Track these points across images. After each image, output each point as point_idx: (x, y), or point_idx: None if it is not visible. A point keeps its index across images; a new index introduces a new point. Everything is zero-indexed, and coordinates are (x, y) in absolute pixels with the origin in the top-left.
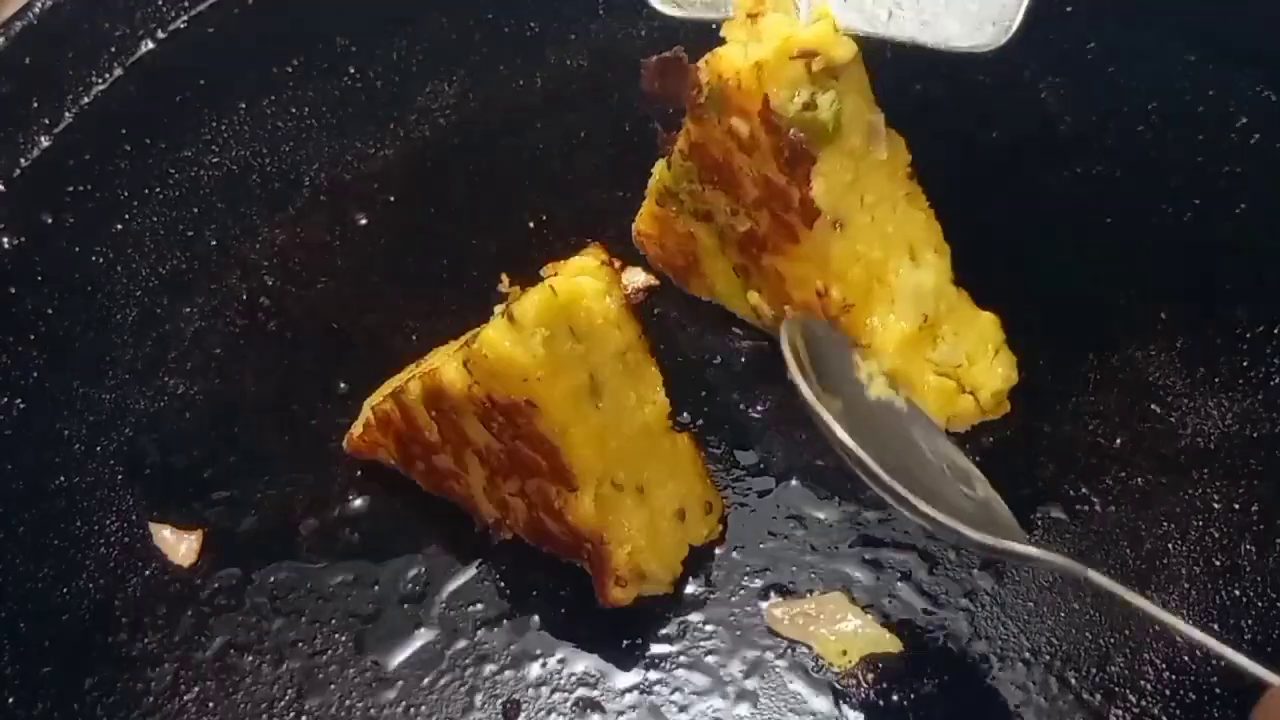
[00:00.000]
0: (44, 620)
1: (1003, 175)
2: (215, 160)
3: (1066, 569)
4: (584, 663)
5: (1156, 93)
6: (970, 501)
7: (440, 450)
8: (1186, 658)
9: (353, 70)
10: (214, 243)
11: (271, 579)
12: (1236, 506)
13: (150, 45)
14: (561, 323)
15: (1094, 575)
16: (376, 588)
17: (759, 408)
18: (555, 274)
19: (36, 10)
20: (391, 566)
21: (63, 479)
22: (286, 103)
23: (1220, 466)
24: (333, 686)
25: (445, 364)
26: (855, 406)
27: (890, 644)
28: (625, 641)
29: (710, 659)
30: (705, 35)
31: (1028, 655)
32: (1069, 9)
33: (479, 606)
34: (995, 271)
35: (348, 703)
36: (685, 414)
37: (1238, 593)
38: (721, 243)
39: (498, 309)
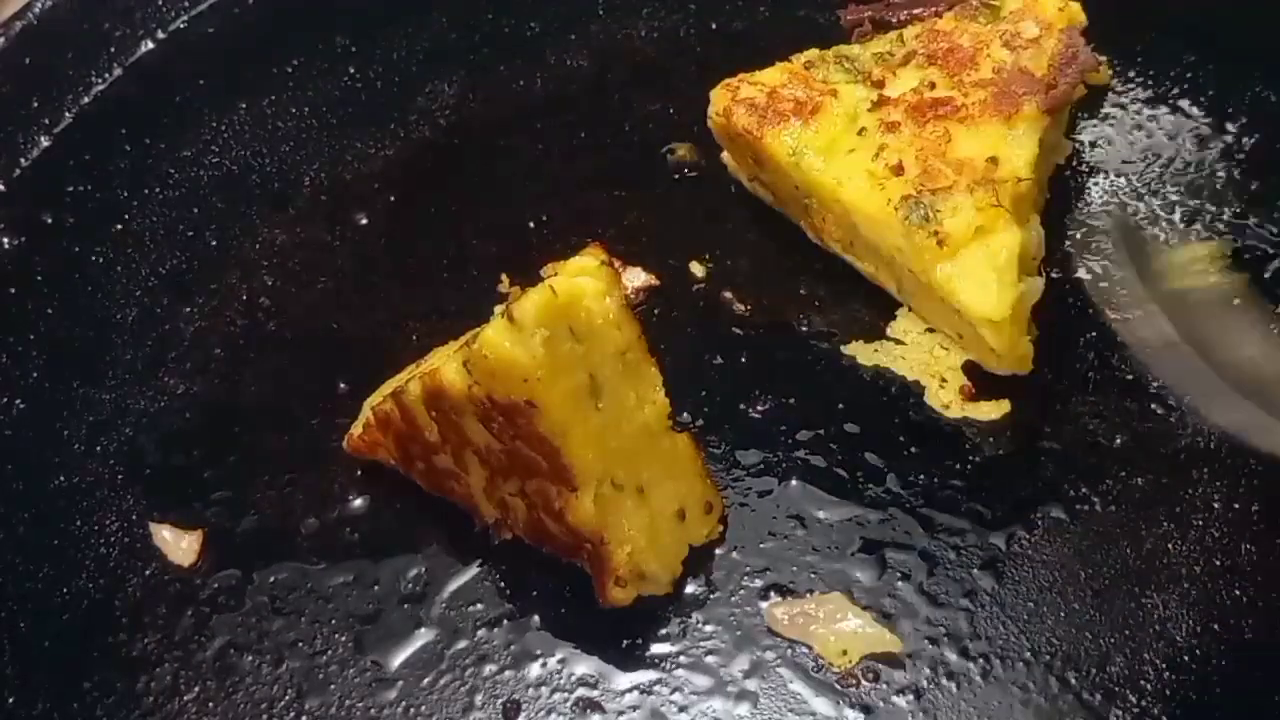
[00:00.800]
0: (44, 620)
1: None
2: (215, 160)
3: None
4: (584, 663)
5: (1156, 92)
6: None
7: (440, 450)
8: (1186, 658)
9: (353, 70)
10: (214, 243)
11: (271, 579)
12: (1236, 506)
13: (150, 45)
14: (561, 323)
15: None
16: (376, 588)
17: (759, 408)
18: (555, 274)
19: (36, 10)
20: (391, 566)
21: (63, 479)
22: (286, 103)
23: (1220, 466)
24: (333, 687)
25: (445, 364)
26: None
27: (890, 644)
28: (625, 641)
29: (710, 659)
30: (708, 36)
31: (1028, 655)
32: None
33: (479, 606)
34: None
35: (348, 703)
36: (685, 414)
37: (1238, 593)
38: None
39: (498, 309)
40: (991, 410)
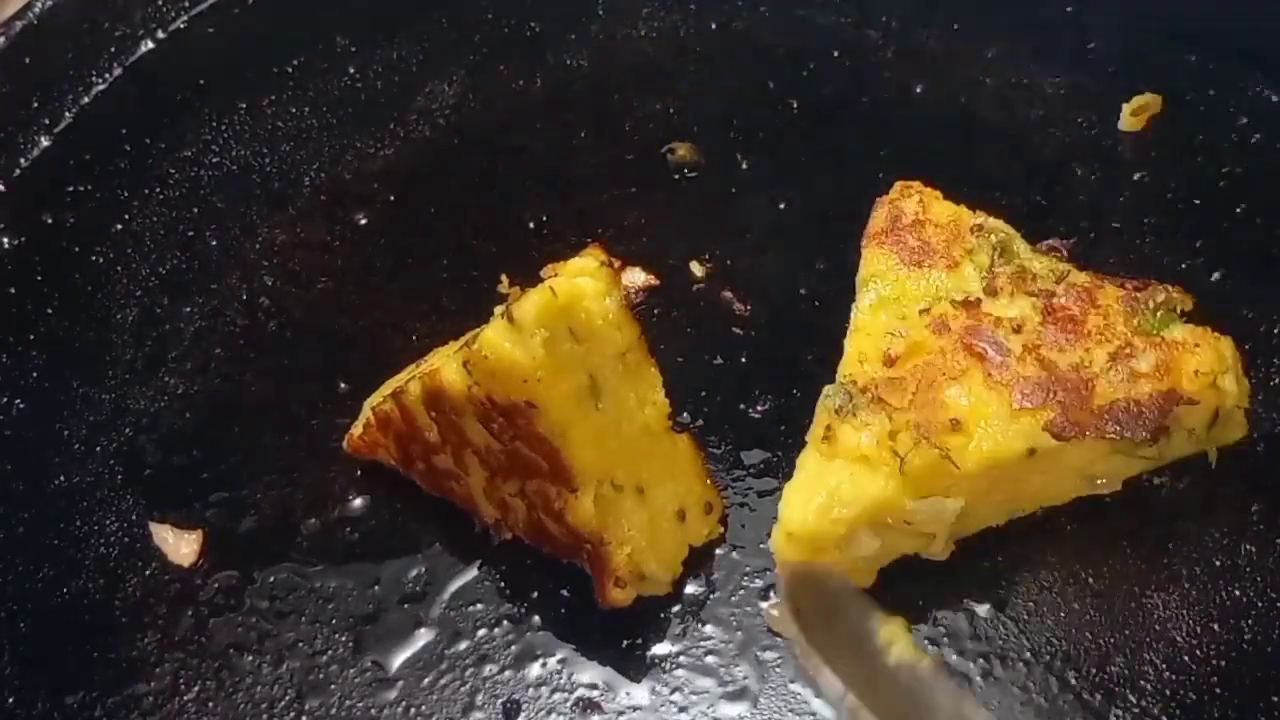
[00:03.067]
0: (44, 620)
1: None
2: (215, 160)
3: None
4: (584, 663)
5: (1157, 93)
6: None
7: (440, 451)
8: (1186, 658)
9: (353, 70)
10: (214, 243)
11: (271, 579)
12: (1236, 506)
13: (150, 45)
14: (561, 324)
15: None
16: (376, 588)
17: (759, 408)
18: (555, 275)
19: (36, 10)
20: (391, 566)
21: (63, 479)
22: (286, 103)
23: (1220, 467)
24: (333, 687)
25: (445, 364)
26: (869, 669)
27: None
28: (626, 642)
29: (710, 659)
30: (708, 36)
31: (1028, 655)
32: (1069, 9)
33: (479, 607)
34: None
35: (348, 703)
36: (685, 414)
37: (1238, 593)
38: None
39: (498, 309)
40: None
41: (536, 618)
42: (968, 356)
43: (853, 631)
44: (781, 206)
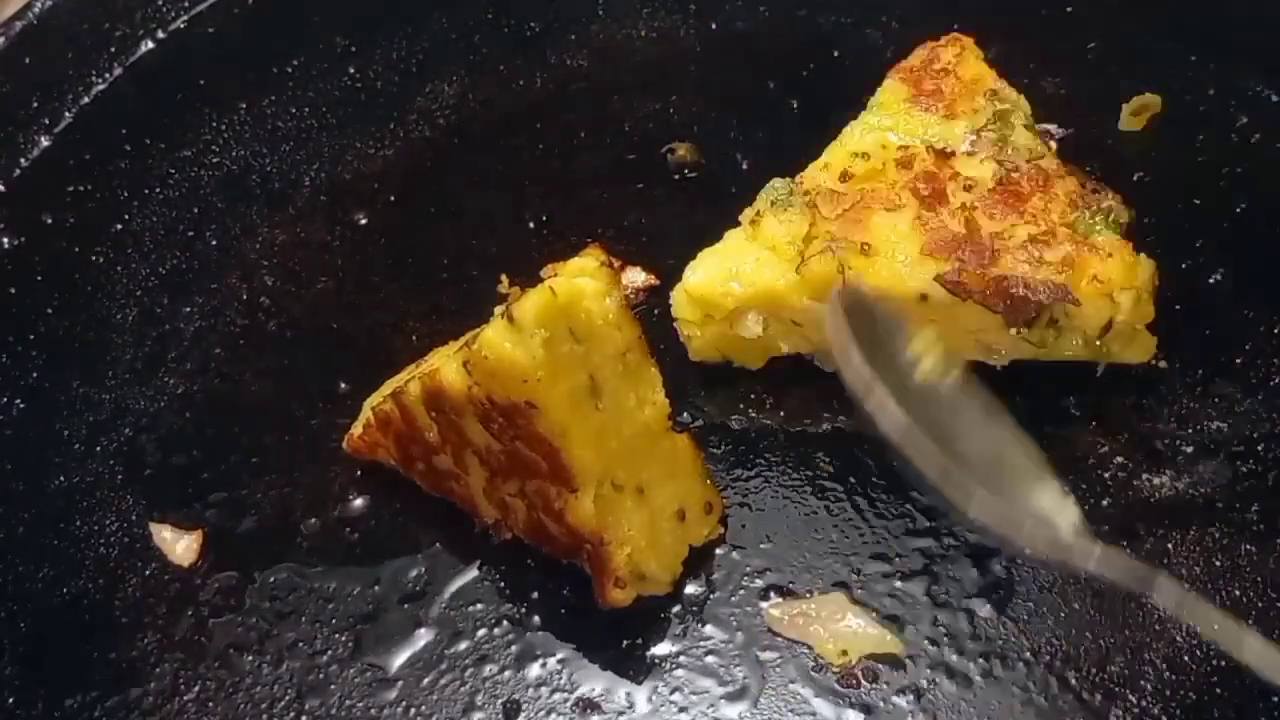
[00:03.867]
0: (44, 620)
1: None
2: (215, 160)
3: (1133, 574)
4: (584, 663)
5: (1156, 93)
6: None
7: (440, 451)
8: (1186, 658)
9: (353, 70)
10: (214, 243)
11: (271, 579)
12: (1236, 506)
13: (150, 45)
14: (561, 324)
15: (1165, 582)
16: (376, 588)
17: (759, 408)
18: (555, 275)
19: (36, 10)
20: (391, 566)
21: (63, 479)
22: (286, 103)
23: (1220, 467)
24: (333, 687)
25: (445, 364)
26: (900, 389)
27: (890, 644)
28: (625, 642)
29: (710, 659)
30: (708, 36)
31: (1028, 655)
32: (1069, 9)
33: (479, 607)
34: None
35: (348, 703)
36: (685, 414)
37: (1237, 593)
38: None
39: (498, 310)
40: None
41: (536, 618)
42: (910, 196)
43: (890, 349)
44: None
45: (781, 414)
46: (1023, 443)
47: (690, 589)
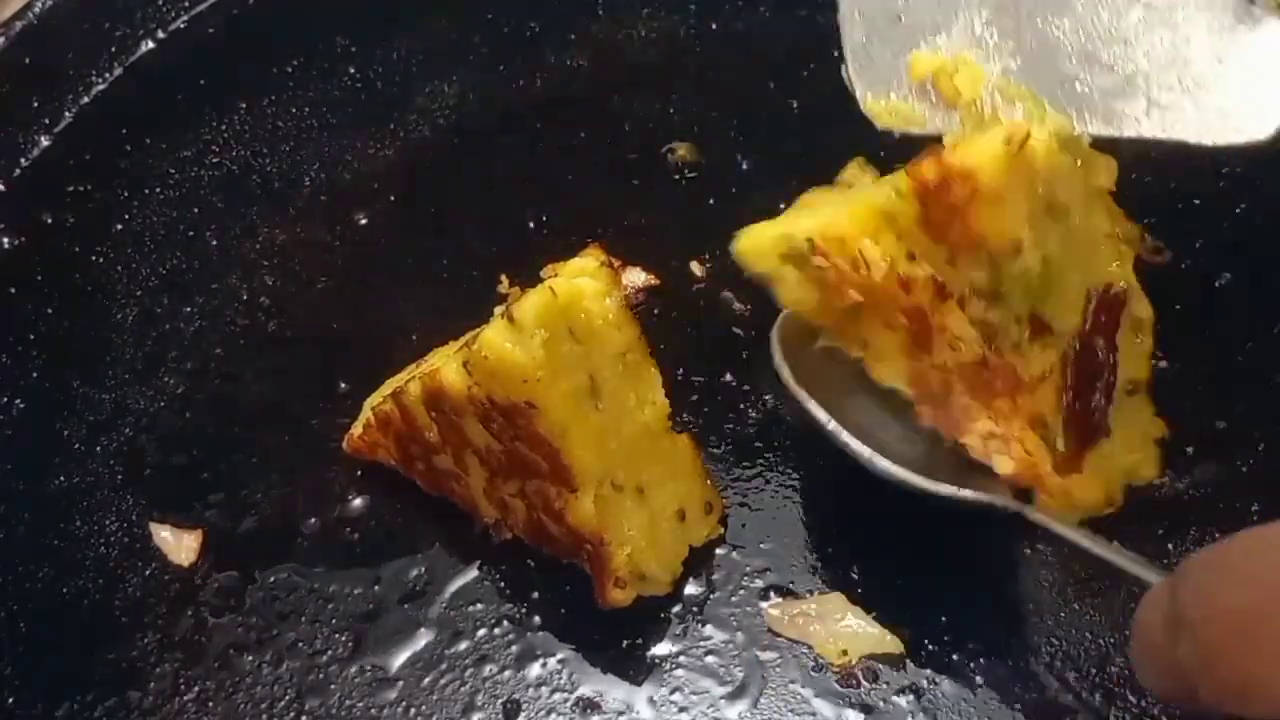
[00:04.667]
0: (44, 620)
1: None
2: (215, 160)
3: (1005, 507)
4: (584, 663)
5: None
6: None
7: (440, 451)
8: None
9: (353, 70)
10: (214, 243)
11: (271, 579)
12: (1236, 506)
13: (150, 45)
14: (561, 324)
15: (1031, 513)
16: (376, 588)
17: (759, 408)
18: (555, 275)
19: (36, 10)
20: (391, 566)
21: (63, 479)
22: (286, 103)
23: (1220, 466)
24: (333, 687)
25: (445, 365)
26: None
27: (890, 644)
28: (626, 642)
29: (710, 659)
30: (708, 36)
31: (1028, 655)
32: None
33: (479, 607)
34: None
35: (348, 703)
36: (685, 414)
37: None
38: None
39: (498, 310)
40: None
41: (537, 618)
42: (905, 320)
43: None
44: (782, 206)
45: (781, 414)
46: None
47: (690, 589)
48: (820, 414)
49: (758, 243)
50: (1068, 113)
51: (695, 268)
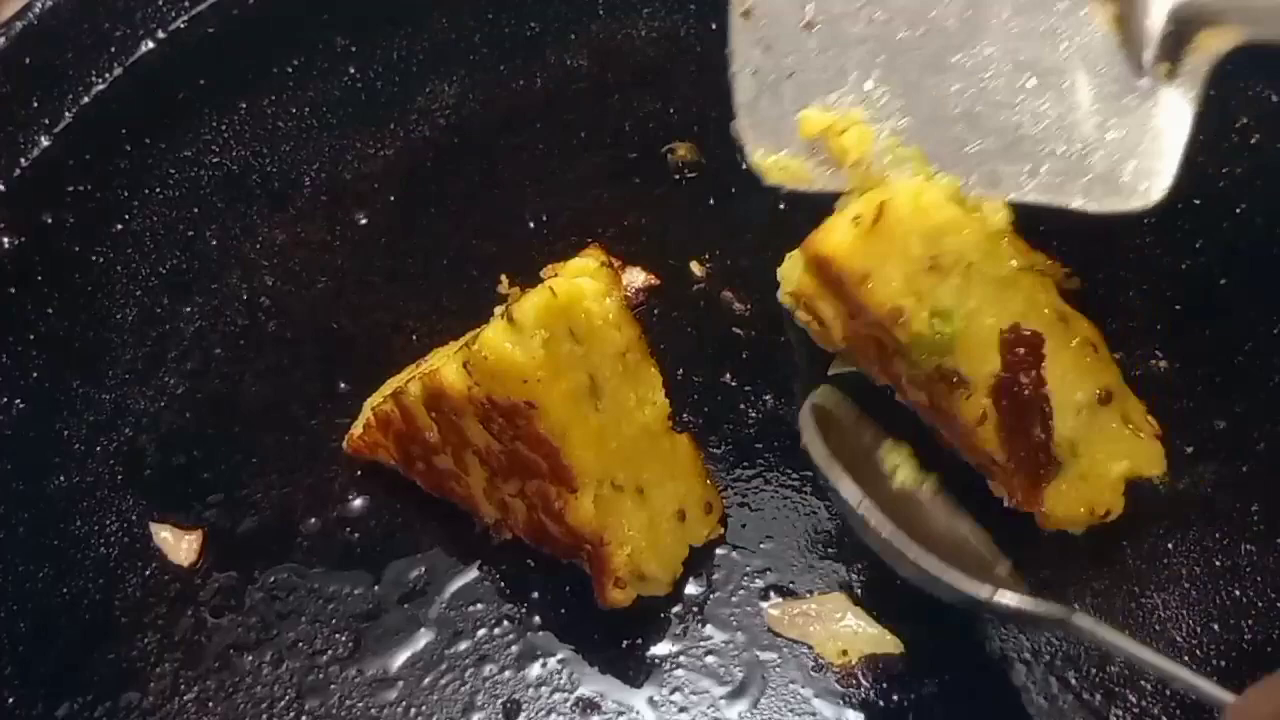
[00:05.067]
0: (44, 620)
1: None
2: (215, 160)
3: (1054, 617)
4: (584, 663)
5: None
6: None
7: (440, 451)
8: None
9: (353, 70)
10: (214, 243)
11: (271, 579)
12: (1236, 506)
13: (150, 45)
14: (561, 324)
15: (1080, 618)
16: (376, 588)
17: (759, 408)
18: (555, 275)
19: (36, 10)
20: (391, 566)
21: (63, 479)
22: (286, 103)
23: (1220, 466)
24: (333, 687)
25: (445, 365)
26: (875, 491)
27: (890, 644)
28: (626, 642)
29: (710, 659)
30: (708, 36)
31: (1028, 655)
32: None
33: (479, 607)
34: None
35: (348, 703)
36: (685, 414)
37: (1237, 593)
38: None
39: (498, 310)
40: None
41: (537, 618)
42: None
43: (864, 453)
44: (781, 207)
45: (781, 414)
46: (981, 537)
47: (690, 589)
48: (852, 494)
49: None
50: (954, 174)
51: (695, 268)
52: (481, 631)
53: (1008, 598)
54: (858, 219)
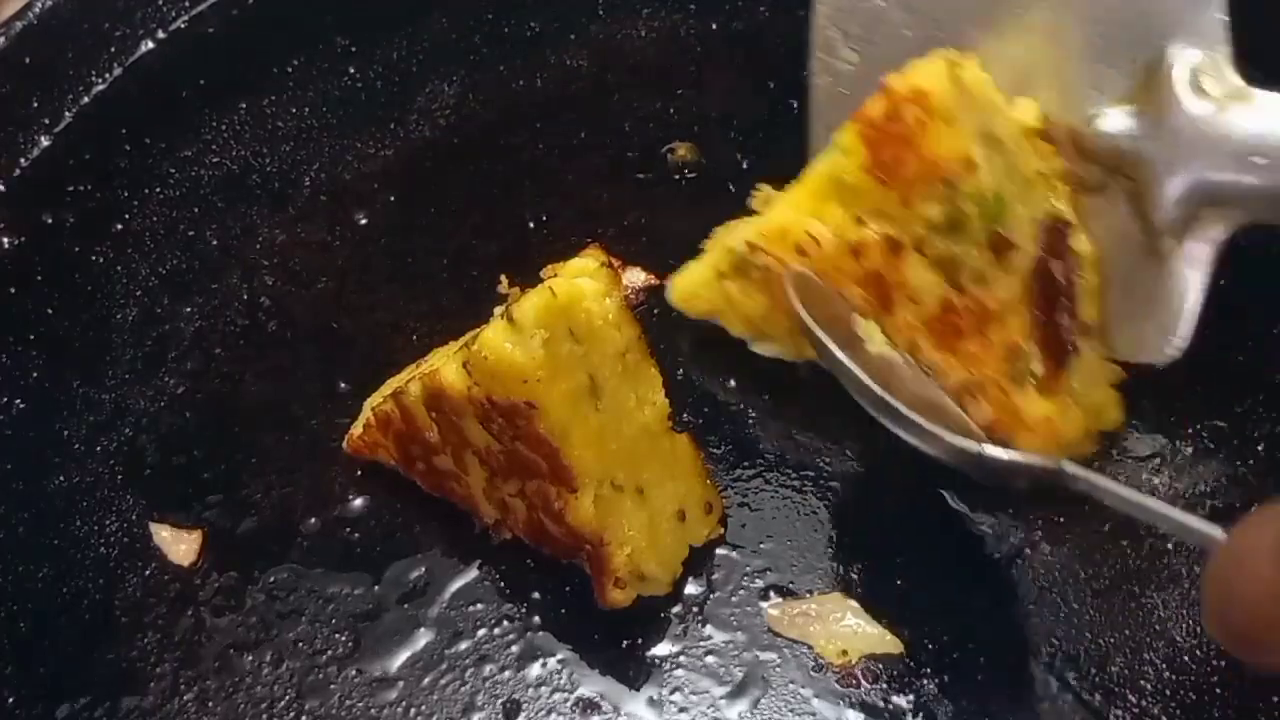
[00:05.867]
0: (44, 620)
1: None
2: (215, 160)
3: (1045, 467)
4: (584, 663)
5: None
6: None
7: (440, 451)
8: (1186, 658)
9: (353, 70)
10: (214, 243)
11: (271, 579)
12: (1237, 506)
13: (150, 45)
14: (561, 324)
15: (1070, 466)
16: (376, 588)
17: (759, 408)
18: (555, 275)
19: (36, 10)
20: (391, 566)
21: (63, 479)
22: (286, 103)
23: (1220, 466)
24: (333, 686)
25: (445, 365)
26: (856, 357)
27: (890, 644)
28: (626, 642)
29: (710, 659)
30: (708, 36)
31: (1028, 655)
32: None
33: (479, 607)
34: None
35: (348, 703)
36: (685, 414)
37: None
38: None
39: (498, 310)
40: None
41: (537, 618)
42: (865, 289)
43: (842, 321)
44: None
45: (781, 414)
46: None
47: (690, 589)
48: (838, 352)
49: (691, 281)
50: None
51: None
52: (481, 631)
53: (997, 451)
54: (951, 63)
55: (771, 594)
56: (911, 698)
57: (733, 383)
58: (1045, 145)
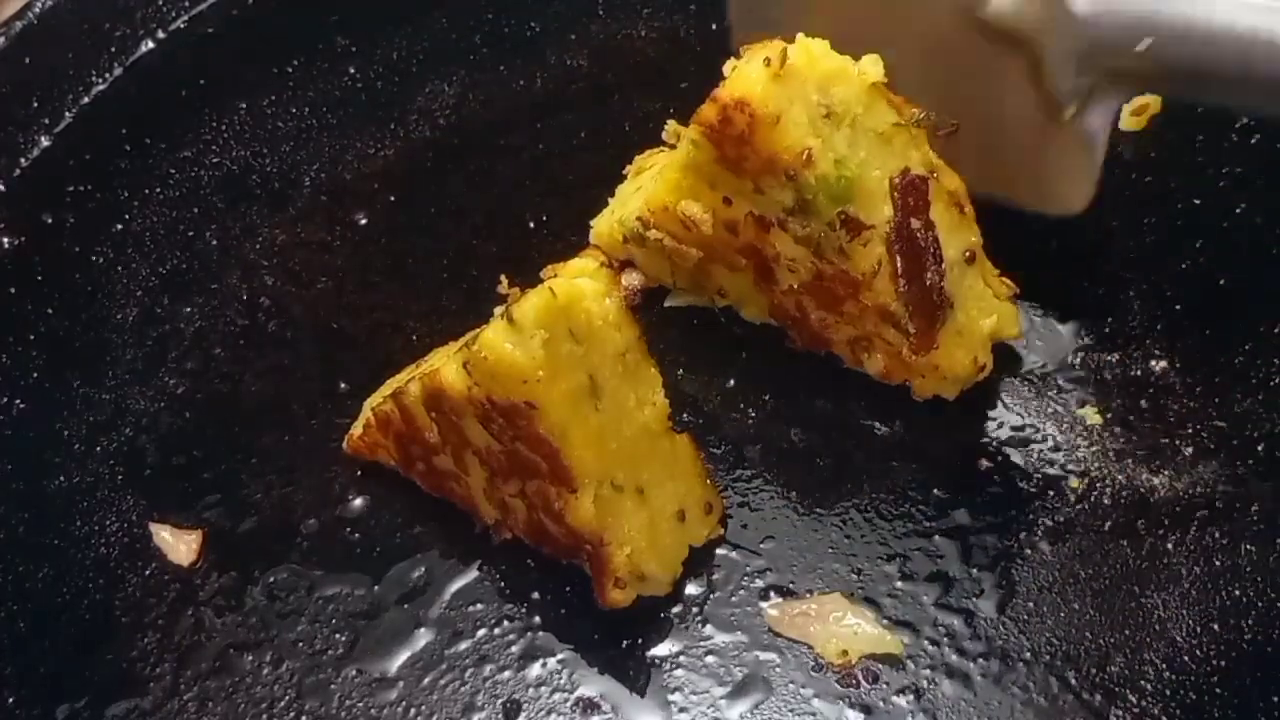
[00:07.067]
0: (44, 620)
1: None
2: (215, 160)
3: None
4: (584, 663)
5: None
6: None
7: (440, 451)
8: (1186, 658)
9: (353, 70)
10: (214, 243)
11: (271, 579)
12: (1237, 506)
13: (150, 45)
14: (561, 324)
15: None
16: (376, 588)
17: (759, 408)
18: (555, 275)
19: (36, 10)
20: (392, 566)
21: (63, 479)
22: (286, 103)
23: (1220, 466)
24: (333, 687)
25: (445, 365)
26: None
27: (890, 644)
28: (625, 642)
29: (710, 659)
30: (708, 36)
31: (1028, 655)
32: None
33: (479, 607)
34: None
35: (348, 703)
36: (685, 414)
37: (1237, 593)
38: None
39: (498, 310)
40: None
41: (537, 618)
42: (745, 260)
43: None
44: None
45: (781, 414)
46: None
47: (690, 589)
48: None
49: (603, 232)
50: None
51: None
52: (481, 631)
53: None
54: (768, 61)
55: (771, 594)
56: (911, 698)
57: (733, 383)
58: (897, 97)
